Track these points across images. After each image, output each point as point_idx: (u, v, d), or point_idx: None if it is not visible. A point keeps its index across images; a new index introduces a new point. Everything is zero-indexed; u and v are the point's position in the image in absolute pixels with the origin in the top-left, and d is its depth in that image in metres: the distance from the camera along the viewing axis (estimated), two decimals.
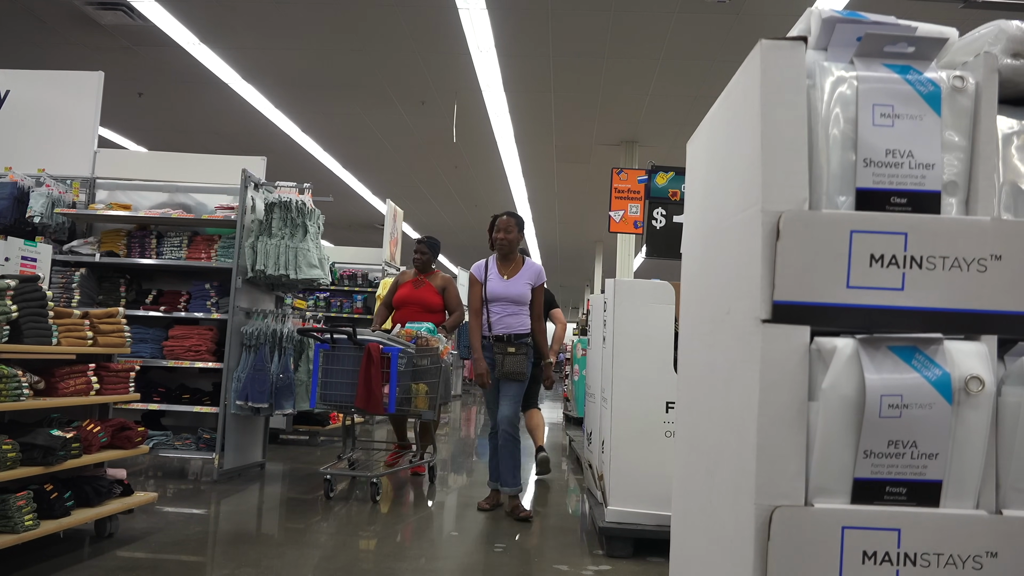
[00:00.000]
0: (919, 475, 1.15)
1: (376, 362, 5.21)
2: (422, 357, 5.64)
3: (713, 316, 1.45)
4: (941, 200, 1.21)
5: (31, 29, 8.54)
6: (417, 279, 6.43)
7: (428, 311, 6.25)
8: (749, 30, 7.73)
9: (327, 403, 5.39)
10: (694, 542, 1.57)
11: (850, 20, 1.23)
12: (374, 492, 5.47)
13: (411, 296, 6.34)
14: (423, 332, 5.75)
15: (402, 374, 5.38)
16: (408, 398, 5.48)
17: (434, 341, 5.76)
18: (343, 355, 5.39)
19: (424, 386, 5.64)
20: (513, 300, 5.16)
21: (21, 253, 4.35)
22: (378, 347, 5.27)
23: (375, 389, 5.17)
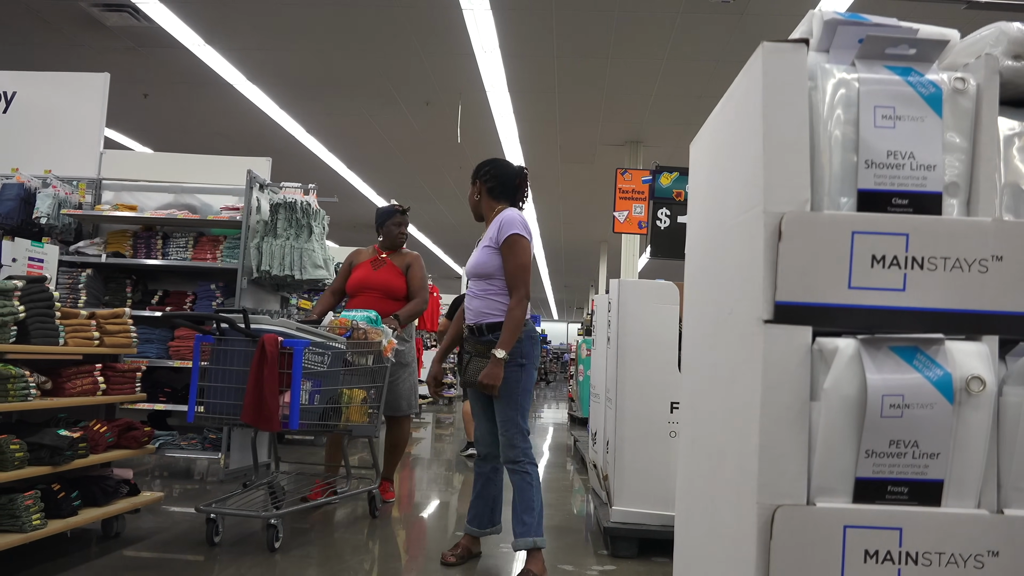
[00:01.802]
0: (920, 475, 1.16)
1: (271, 360, 3.86)
2: (359, 355, 4.47)
3: (716, 316, 1.46)
4: (942, 201, 1.22)
5: (37, 31, 8.58)
6: (376, 258, 5.23)
7: (391, 298, 5.11)
8: (753, 30, 7.74)
9: (209, 414, 4.07)
10: (697, 541, 1.58)
11: (852, 22, 1.24)
12: (270, 537, 3.95)
13: (369, 279, 5.12)
14: (360, 322, 4.51)
15: (324, 376, 4.17)
16: (335, 408, 4.29)
17: (375, 334, 4.51)
18: (233, 351, 4.05)
19: (360, 392, 4.42)
20: (474, 274, 3.77)
21: (28, 254, 4.37)
22: (275, 340, 3.90)
23: (268, 397, 3.83)
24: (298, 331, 4.09)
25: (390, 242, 5.26)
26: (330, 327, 4.43)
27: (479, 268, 3.71)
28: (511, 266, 3.62)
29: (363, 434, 4.56)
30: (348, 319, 4.50)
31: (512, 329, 3.54)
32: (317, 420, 4.12)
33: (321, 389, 4.15)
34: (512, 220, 3.66)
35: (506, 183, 3.82)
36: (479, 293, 3.71)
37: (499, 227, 3.66)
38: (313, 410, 4.07)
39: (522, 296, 3.58)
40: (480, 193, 3.86)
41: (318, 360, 4.13)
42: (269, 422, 3.84)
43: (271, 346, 3.87)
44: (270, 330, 4.00)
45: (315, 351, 4.08)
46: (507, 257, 3.62)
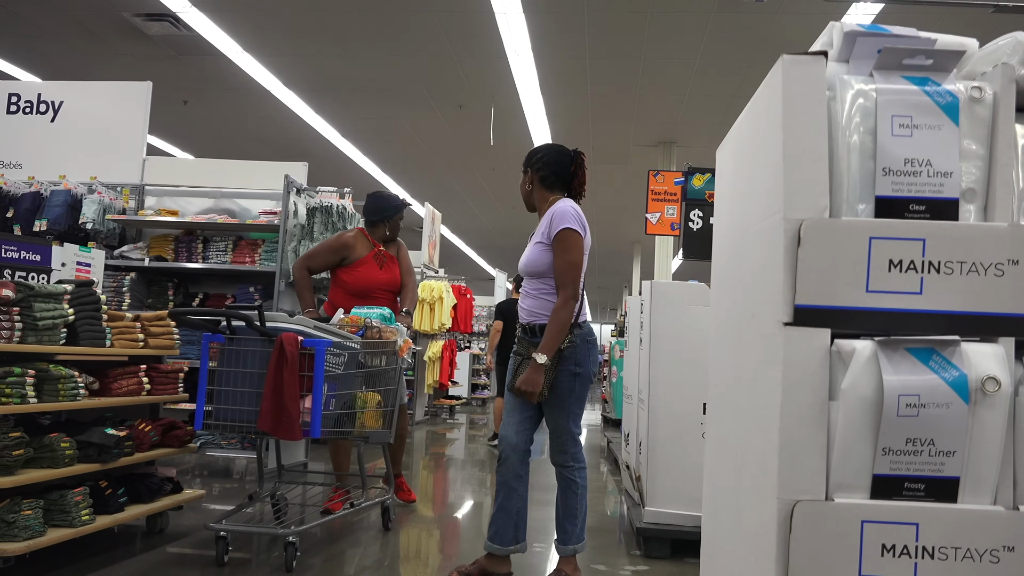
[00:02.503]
0: (937, 472, 1.20)
1: (291, 362, 3.52)
2: (373, 355, 4.05)
3: (739, 319, 1.51)
4: (959, 207, 1.25)
5: (82, 41, 8.81)
6: (378, 252, 4.81)
7: (395, 294, 4.86)
8: (786, 30, 7.71)
9: (220, 422, 3.68)
10: (722, 537, 1.62)
11: (871, 34, 1.28)
12: (289, 557, 3.59)
13: (378, 281, 4.75)
14: (374, 320, 4.12)
15: (340, 379, 3.79)
16: (350, 414, 3.89)
17: (390, 333, 4.14)
18: (246, 351, 3.68)
19: (375, 396, 4.04)
20: (526, 272, 3.51)
21: (76, 258, 4.54)
22: (294, 339, 3.56)
23: (288, 402, 3.49)
24: (315, 329, 3.76)
25: (392, 236, 4.91)
26: (340, 325, 4.05)
27: (530, 266, 3.44)
28: (560, 263, 3.33)
29: (379, 440, 4.16)
30: (360, 317, 4.13)
31: (556, 332, 3.28)
32: (332, 427, 3.79)
33: (337, 393, 3.77)
34: (564, 213, 3.36)
35: (560, 171, 3.53)
36: (531, 292, 3.47)
37: (551, 221, 3.38)
38: (329, 416, 3.72)
39: (569, 296, 3.31)
40: (532, 183, 3.57)
41: (336, 362, 3.74)
42: (289, 430, 3.49)
43: (291, 346, 3.52)
44: (288, 328, 3.64)
45: (333, 352, 3.71)
46: (558, 253, 3.34)
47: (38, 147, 7.13)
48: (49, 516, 3.37)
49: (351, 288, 4.69)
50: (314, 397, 3.57)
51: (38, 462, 3.36)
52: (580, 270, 3.37)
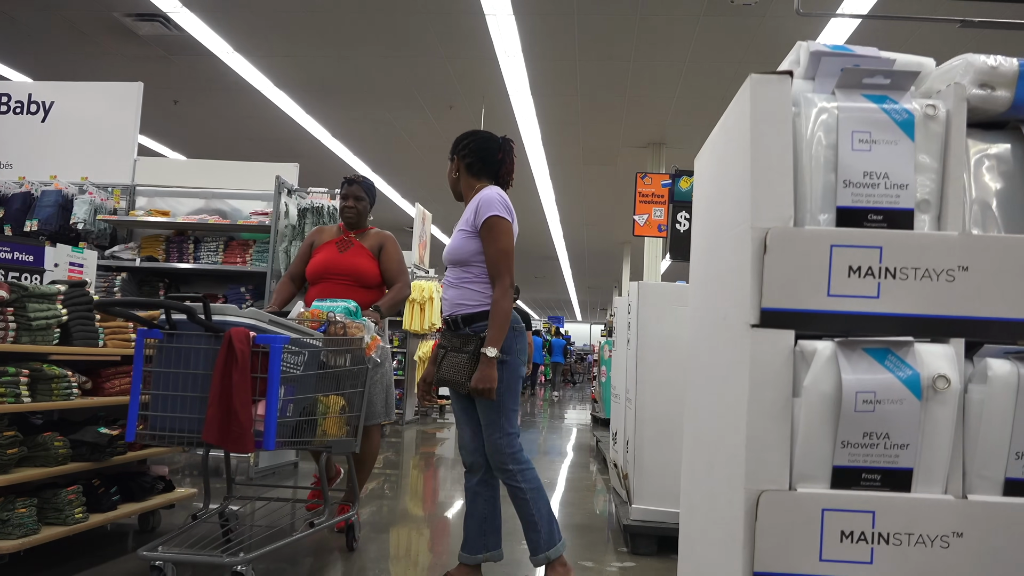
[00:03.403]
0: (892, 463, 1.29)
1: (242, 361, 3.00)
2: (336, 354, 3.58)
3: (713, 320, 1.59)
4: (914, 217, 1.35)
5: (73, 41, 8.84)
6: (343, 238, 4.35)
7: (362, 286, 4.24)
8: (775, 32, 7.82)
9: (157, 432, 3.11)
10: (698, 528, 1.71)
11: (835, 53, 1.36)
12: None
13: (334, 263, 4.23)
14: (337, 315, 3.66)
15: (299, 381, 3.28)
16: (310, 421, 3.41)
17: (355, 328, 3.66)
18: (189, 348, 3.13)
19: (338, 399, 3.59)
20: (449, 261, 3.35)
21: (69, 259, 4.59)
22: (246, 335, 3.04)
23: (239, 409, 2.97)
24: (270, 324, 3.21)
25: (349, 220, 4.38)
26: (300, 320, 3.59)
27: (454, 254, 3.28)
28: (492, 252, 3.18)
29: (342, 451, 3.68)
30: (323, 310, 3.65)
31: (501, 323, 3.12)
32: (289, 436, 3.26)
33: (295, 397, 3.23)
34: (490, 200, 3.21)
35: (487, 158, 3.39)
36: (454, 281, 3.29)
37: (476, 208, 3.23)
38: (286, 423, 3.20)
39: (507, 285, 3.17)
40: (458, 170, 3.43)
41: (294, 361, 3.24)
42: (239, 441, 2.95)
43: (241, 343, 2.99)
44: (239, 323, 3.10)
45: (291, 350, 3.22)
46: (487, 242, 3.20)
47: (29, 147, 7.17)
48: (43, 514, 3.41)
49: (309, 274, 4.30)
50: (268, 402, 3.03)
51: (32, 461, 3.41)
52: (512, 257, 3.24)
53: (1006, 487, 1.32)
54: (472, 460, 3.36)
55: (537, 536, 3.24)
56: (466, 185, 3.42)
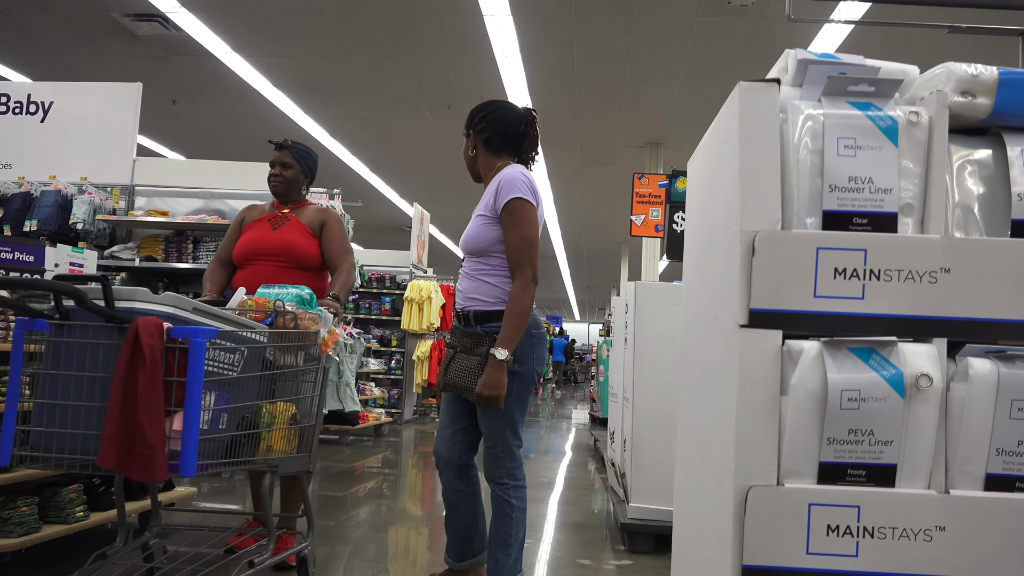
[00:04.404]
0: (876, 459, 1.33)
1: (151, 360, 2.30)
2: (286, 351, 2.89)
3: (705, 321, 1.64)
4: (898, 220, 1.39)
5: (71, 41, 8.87)
6: (276, 215, 3.71)
7: (298, 268, 3.57)
8: (772, 32, 7.86)
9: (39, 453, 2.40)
10: (690, 524, 1.75)
11: (822, 61, 1.41)
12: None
13: (265, 242, 3.58)
14: (288, 303, 2.97)
15: (236, 385, 2.62)
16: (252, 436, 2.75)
17: (309, 320, 2.98)
18: (86, 344, 2.41)
19: (288, 407, 2.94)
20: (466, 251, 2.96)
21: (69, 259, 4.61)
22: (157, 326, 2.34)
23: (146, 424, 2.26)
24: (195, 312, 2.50)
25: (273, 190, 3.77)
26: (240, 310, 2.90)
27: (470, 242, 2.89)
28: (513, 239, 2.77)
29: (292, 470, 2.97)
30: (270, 299, 2.98)
31: (516, 322, 2.73)
32: (222, 455, 2.59)
33: (230, 406, 2.60)
34: (512, 180, 2.80)
35: (507, 131, 2.97)
36: (470, 273, 2.91)
37: (496, 190, 2.82)
38: (218, 440, 2.55)
39: (528, 279, 2.77)
40: (476, 147, 3.03)
41: (227, 360, 2.57)
42: (146, 466, 2.25)
43: (150, 337, 2.29)
44: (150, 311, 2.40)
45: (222, 345, 2.54)
46: (508, 228, 2.78)
47: (28, 147, 7.18)
48: (44, 513, 3.41)
49: (236, 255, 3.66)
50: (188, 413, 2.33)
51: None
52: (536, 247, 2.83)
53: (987, 482, 1.36)
54: (445, 467, 3.00)
55: (507, 558, 2.87)
56: (485, 164, 3.01)
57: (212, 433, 2.52)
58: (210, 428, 2.52)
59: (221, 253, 3.76)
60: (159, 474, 2.28)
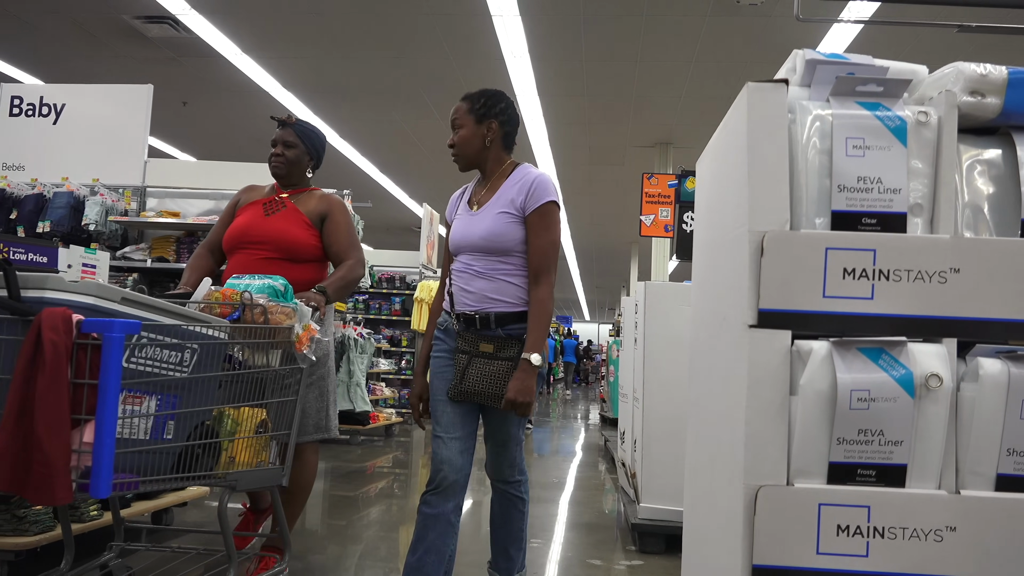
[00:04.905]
0: (886, 459, 1.33)
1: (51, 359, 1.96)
2: (255, 349, 2.58)
3: (714, 321, 1.64)
4: (907, 220, 1.39)
5: (83, 43, 8.92)
6: (273, 199, 3.39)
7: (289, 260, 3.22)
8: (781, 32, 7.84)
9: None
10: (700, 524, 1.75)
11: (830, 62, 1.41)
12: None
13: (254, 229, 3.24)
14: (258, 295, 2.64)
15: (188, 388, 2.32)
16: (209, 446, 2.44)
17: (282, 314, 2.65)
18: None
19: (256, 412, 2.61)
20: (480, 248, 2.75)
21: (82, 260, 4.65)
22: (64, 318, 2.01)
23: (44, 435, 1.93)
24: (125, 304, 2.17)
25: (274, 172, 3.45)
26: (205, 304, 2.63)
27: (495, 240, 2.72)
28: (543, 243, 2.71)
29: (258, 486, 2.67)
30: (236, 289, 2.67)
31: (545, 326, 2.69)
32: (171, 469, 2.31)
33: (181, 411, 2.30)
34: (546, 184, 2.74)
35: (515, 130, 2.95)
36: (484, 272, 2.74)
37: (530, 190, 2.73)
38: (164, 450, 2.26)
39: (552, 283, 2.75)
40: (492, 137, 2.87)
41: (172, 359, 2.26)
42: (44, 486, 1.90)
43: (54, 331, 1.95)
44: (61, 301, 2.06)
45: (162, 341, 2.23)
46: (539, 231, 2.71)
47: (41, 149, 7.24)
48: (59, 512, 3.46)
49: (224, 247, 3.32)
50: (99, 423, 1.97)
51: None
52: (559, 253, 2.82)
53: (998, 483, 1.36)
54: (455, 479, 2.72)
55: (518, 554, 2.88)
56: (495, 157, 2.88)
57: (155, 444, 2.21)
58: (152, 438, 2.22)
59: (211, 237, 3.42)
60: (59, 495, 1.92)
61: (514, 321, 2.72)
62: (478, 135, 2.85)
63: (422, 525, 2.67)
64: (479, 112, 2.85)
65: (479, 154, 2.88)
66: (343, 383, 6.87)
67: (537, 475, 6.71)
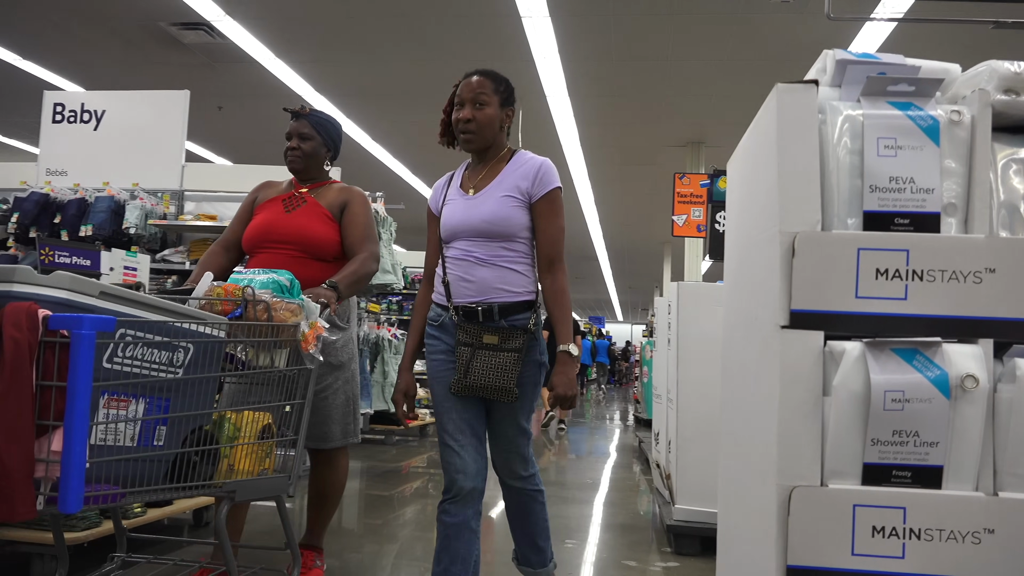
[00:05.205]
0: (922, 461, 1.32)
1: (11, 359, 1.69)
2: (258, 348, 2.42)
3: (745, 322, 1.64)
4: (941, 220, 1.38)
5: (120, 50, 9.10)
6: (292, 194, 3.21)
7: (315, 258, 3.09)
8: (813, 29, 7.76)
9: None
10: (734, 525, 1.75)
11: (860, 61, 1.40)
12: None
13: (277, 226, 3.09)
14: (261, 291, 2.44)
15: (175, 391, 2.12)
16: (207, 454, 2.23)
17: (287, 311, 2.45)
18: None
19: (260, 416, 2.42)
20: (483, 232, 2.59)
21: (124, 263, 4.75)
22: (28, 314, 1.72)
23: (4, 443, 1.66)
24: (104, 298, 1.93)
25: (290, 165, 3.26)
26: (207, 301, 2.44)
27: (500, 224, 2.57)
28: (554, 230, 2.61)
29: (260, 496, 2.47)
30: (239, 284, 2.47)
31: (570, 314, 2.60)
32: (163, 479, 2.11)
33: (172, 415, 2.10)
34: (552, 170, 2.66)
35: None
36: (486, 259, 2.57)
37: (537, 176, 2.62)
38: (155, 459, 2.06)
39: (566, 270, 2.65)
40: (507, 124, 2.81)
41: (161, 358, 2.07)
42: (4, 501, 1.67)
43: (16, 328, 1.71)
44: (27, 295, 1.79)
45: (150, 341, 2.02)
46: (549, 217, 2.60)
47: (82, 155, 7.38)
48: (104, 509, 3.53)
49: (245, 247, 3.17)
50: (68, 430, 1.74)
51: None
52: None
53: None
54: (473, 486, 2.58)
55: (547, 544, 2.80)
56: (500, 143, 2.79)
57: (143, 451, 2.01)
58: (140, 445, 2.02)
59: (227, 235, 3.23)
60: (19, 510, 1.68)
61: (519, 311, 2.57)
62: (498, 118, 2.74)
63: (444, 535, 2.57)
64: (503, 95, 2.77)
65: (493, 137, 2.74)
66: (378, 384, 6.92)
67: (572, 476, 6.72)
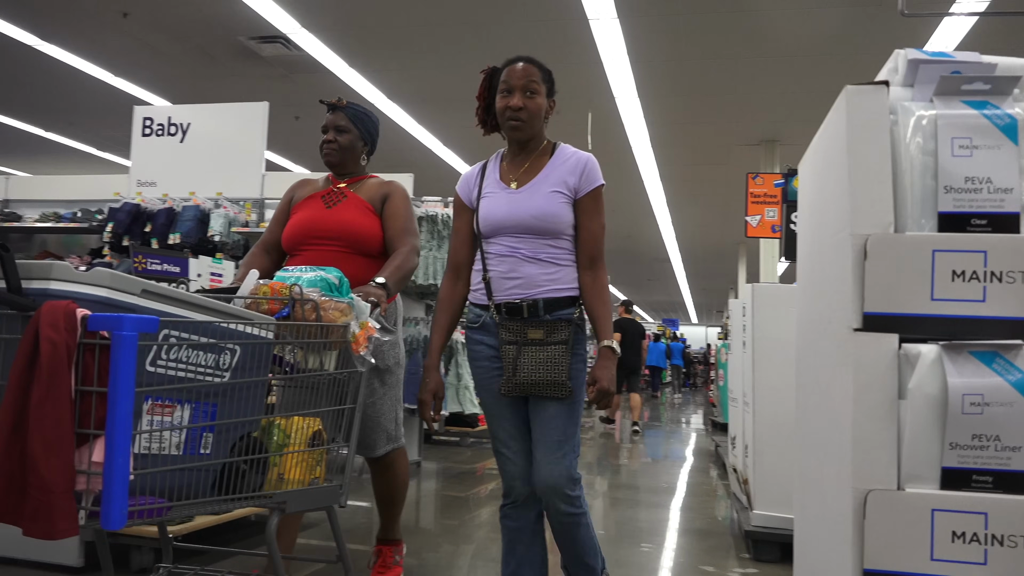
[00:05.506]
0: (1004, 465, 1.30)
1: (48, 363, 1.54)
2: (307, 349, 2.27)
3: (818, 325, 1.63)
4: (1021, 220, 1.35)
5: (201, 65, 9.44)
6: (331, 190, 3.13)
7: (360, 253, 2.99)
8: (889, 21, 7.56)
9: None
10: (811, 528, 1.74)
11: (933, 61, 1.38)
12: None
13: (319, 223, 2.99)
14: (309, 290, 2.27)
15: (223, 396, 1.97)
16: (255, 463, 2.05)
17: (336, 311, 2.28)
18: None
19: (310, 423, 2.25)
20: (530, 228, 2.50)
21: (210, 270, 4.95)
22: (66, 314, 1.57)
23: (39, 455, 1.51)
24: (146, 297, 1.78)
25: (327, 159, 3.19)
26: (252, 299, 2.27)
27: (550, 220, 2.50)
28: (596, 227, 2.55)
29: (312, 507, 2.28)
30: (285, 282, 2.29)
31: (610, 313, 2.53)
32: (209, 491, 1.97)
33: (219, 422, 1.95)
34: (596, 166, 2.60)
35: None
36: (533, 256, 2.50)
37: (584, 172, 2.55)
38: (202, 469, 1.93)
39: (605, 268, 2.59)
40: (549, 116, 2.73)
41: (207, 361, 1.93)
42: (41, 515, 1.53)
43: (53, 329, 1.57)
44: (66, 293, 1.66)
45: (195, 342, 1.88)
46: (592, 215, 2.54)
47: (170, 166, 7.71)
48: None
49: (285, 246, 3.07)
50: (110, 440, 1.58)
51: None
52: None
53: None
54: (531, 491, 2.53)
55: (597, 559, 2.61)
56: (542, 134, 2.71)
57: (189, 461, 1.88)
58: (186, 454, 1.88)
59: (266, 236, 3.15)
60: (60, 527, 1.53)
61: (564, 306, 2.50)
62: (545, 108, 2.67)
63: (508, 539, 2.56)
64: (549, 84, 2.71)
65: (540, 127, 2.67)
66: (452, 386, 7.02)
67: (648, 480, 6.68)
